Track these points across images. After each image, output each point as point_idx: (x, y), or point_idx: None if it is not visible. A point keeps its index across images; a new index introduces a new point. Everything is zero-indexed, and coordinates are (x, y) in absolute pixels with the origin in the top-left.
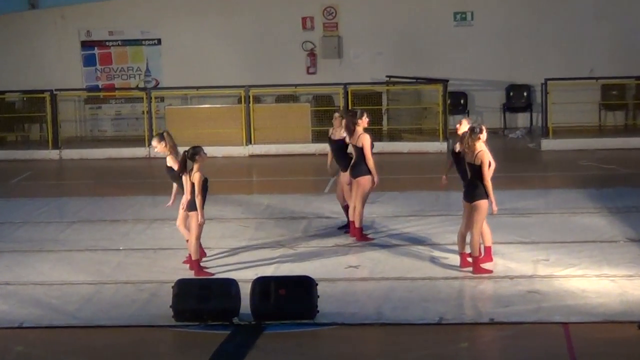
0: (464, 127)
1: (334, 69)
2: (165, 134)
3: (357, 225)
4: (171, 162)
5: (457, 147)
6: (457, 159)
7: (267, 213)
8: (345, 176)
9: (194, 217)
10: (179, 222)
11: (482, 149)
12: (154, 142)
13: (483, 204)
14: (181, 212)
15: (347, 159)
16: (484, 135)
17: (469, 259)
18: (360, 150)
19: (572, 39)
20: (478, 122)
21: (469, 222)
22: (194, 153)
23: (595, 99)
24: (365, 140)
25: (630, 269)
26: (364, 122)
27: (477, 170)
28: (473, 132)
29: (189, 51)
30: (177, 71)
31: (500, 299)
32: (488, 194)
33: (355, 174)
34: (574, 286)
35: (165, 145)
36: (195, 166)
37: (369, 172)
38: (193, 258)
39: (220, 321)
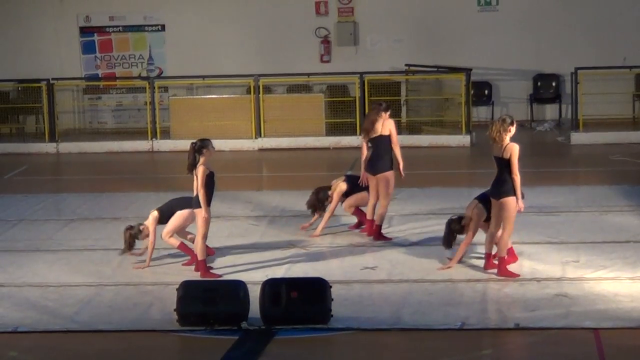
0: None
1: (349, 57)
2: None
3: (377, 222)
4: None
5: None
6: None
7: (278, 210)
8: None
9: (199, 214)
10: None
11: (510, 142)
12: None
13: (511, 201)
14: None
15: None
16: (514, 129)
17: (495, 261)
18: (386, 141)
19: (604, 25)
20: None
21: (498, 221)
22: (202, 146)
23: (629, 90)
24: (392, 126)
25: None
26: (387, 115)
27: (506, 164)
28: (504, 122)
29: (195, 38)
30: (182, 59)
31: (526, 302)
32: (515, 191)
33: (376, 171)
34: (605, 289)
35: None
36: (201, 159)
37: (391, 168)
38: (199, 258)
39: (227, 326)
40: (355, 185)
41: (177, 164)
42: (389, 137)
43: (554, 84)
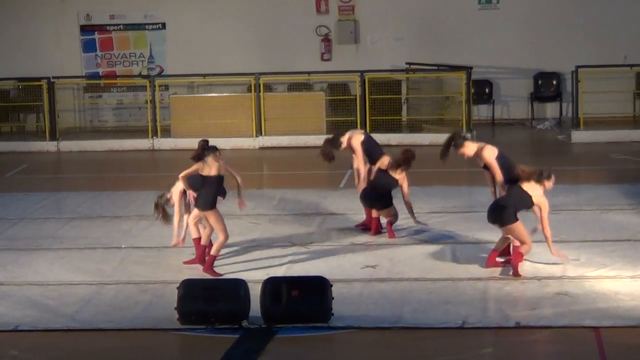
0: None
1: (350, 56)
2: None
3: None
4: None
5: None
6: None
7: (278, 209)
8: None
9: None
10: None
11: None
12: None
13: (516, 227)
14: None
15: None
16: (549, 184)
17: (500, 259)
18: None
19: (605, 24)
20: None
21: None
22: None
23: (630, 88)
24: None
25: None
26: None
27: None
28: (541, 175)
29: (196, 36)
30: (182, 57)
31: (527, 301)
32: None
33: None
34: (606, 288)
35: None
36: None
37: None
38: (213, 253)
39: (228, 324)
40: (370, 140)
41: (178, 162)
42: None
43: (554, 82)
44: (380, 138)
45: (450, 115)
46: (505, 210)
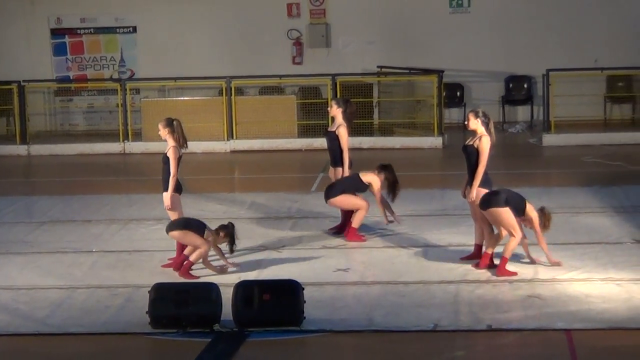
0: (472, 123)
1: (321, 59)
2: (176, 122)
3: (354, 224)
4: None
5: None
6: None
7: (250, 213)
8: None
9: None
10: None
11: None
12: (160, 126)
13: (503, 212)
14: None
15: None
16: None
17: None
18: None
19: (575, 27)
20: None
21: (484, 222)
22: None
23: (601, 91)
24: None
25: (637, 273)
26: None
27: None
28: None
29: (167, 40)
30: (153, 61)
31: (498, 304)
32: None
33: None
34: (577, 291)
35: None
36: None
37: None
38: (191, 259)
39: (200, 328)
40: None
41: (149, 166)
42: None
43: (525, 85)
44: (351, 141)
45: (422, 118)
46: (497, 194)
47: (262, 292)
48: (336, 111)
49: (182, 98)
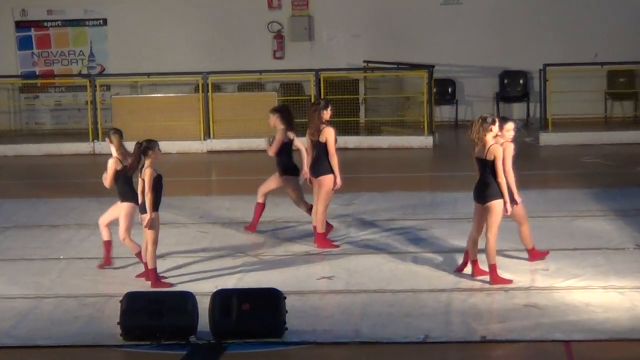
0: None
1: (304, 54)
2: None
3: (319, 230)
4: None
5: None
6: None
7: (228, 217)
8: (278, 180)
9: (146, 220)
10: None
11: (494, 143)
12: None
13: (497, 205)
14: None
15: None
16: (495, 128)
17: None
18: (323, 146)
19: (574, 19)
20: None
21: (480, 226)
22: (148, 147)
23: (601, 87)
24: (330, 134)
25: None
26: (327, 114)
27: (489, 166)
28: (484, 121)
29: (139, 33)
30: (125, 55)
31: (493, 314)
32: (502, 193)
33: (317, 173)
34: (576, 299)
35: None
36: (147, 162)
37: (332, 171)
38: (150, 267)
39: (175, 340)
40: None
41: None
42: (325, 145)
43: (521, 81)
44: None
45: (411, 116)
46: (490, 186)
47: (241, 301)
48: (274, 121)
49: (155, 95)
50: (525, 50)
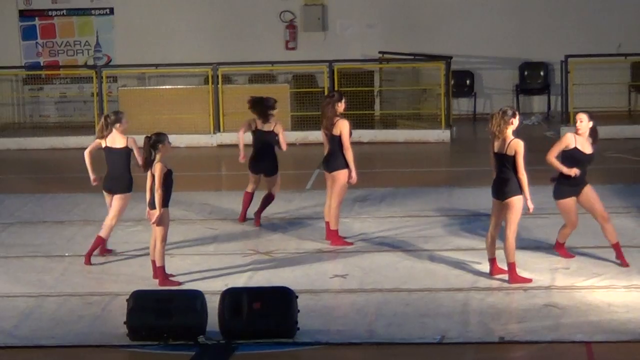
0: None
1: (317, 44)
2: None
3: (332, 227)
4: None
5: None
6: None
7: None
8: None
9: (154, 216)
10: None
11: (515, 137)
12: None
13: (517, 201)
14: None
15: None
16: (516, 121)
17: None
18: (337, 140)
19: (597, 9)
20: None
21: (498, 223)
22: (158, 141)
23: (624, 80)
24: (344, 127)
25: None
26: (341, 106)
27: (509, 161)
28: (505, 114)
29: (147, 22)
30: (132, 46)
31: (512, 314)
32: (523, 190)
33: (331, 168)
34: (598, 299)
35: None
36: (158, 155)
37: (347, 166)
38: (158, 264)
39: (183, 340)
40: None
41: None
42: (339, 138)
43: (542, 73)
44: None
45: (428, 109)
46: (510, 182)
47: (252, 300)
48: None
49: (163, 87)
50: (546, 41)
